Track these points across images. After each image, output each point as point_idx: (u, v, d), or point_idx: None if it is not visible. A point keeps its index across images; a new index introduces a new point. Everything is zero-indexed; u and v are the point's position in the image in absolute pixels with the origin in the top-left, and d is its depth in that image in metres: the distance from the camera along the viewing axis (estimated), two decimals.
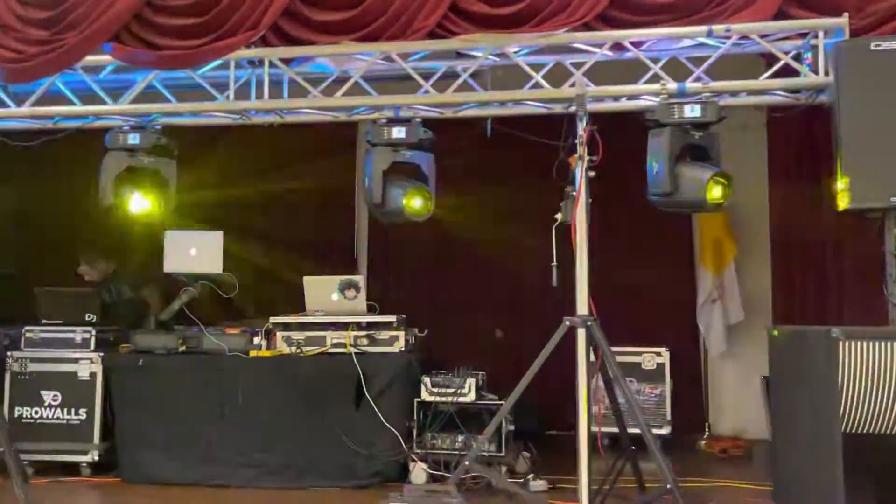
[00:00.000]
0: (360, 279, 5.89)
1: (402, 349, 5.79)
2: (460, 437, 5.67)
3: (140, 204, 4.82)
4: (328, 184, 8.20)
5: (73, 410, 5.89)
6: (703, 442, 7.23)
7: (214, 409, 5.69)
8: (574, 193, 4.23)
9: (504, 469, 5.55)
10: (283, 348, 5.83)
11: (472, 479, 5.42)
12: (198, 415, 5.70)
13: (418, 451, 5.61)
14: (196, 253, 5.94)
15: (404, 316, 5.93)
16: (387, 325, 5.81)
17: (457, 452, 5.59)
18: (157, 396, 5.75)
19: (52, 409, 5.90)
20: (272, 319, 5.87)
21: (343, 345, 5.76)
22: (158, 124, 4.85)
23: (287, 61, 4.69)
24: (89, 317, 6.09)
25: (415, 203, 4.59)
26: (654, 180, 4.10)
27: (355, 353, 5.65)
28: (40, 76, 4.74)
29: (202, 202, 7.17)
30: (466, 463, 4.51)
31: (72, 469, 5.85)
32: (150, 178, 4.85)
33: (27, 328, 6.05)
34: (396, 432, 5.55)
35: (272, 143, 7.22)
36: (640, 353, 7.01)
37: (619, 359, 7.09)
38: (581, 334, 4.32)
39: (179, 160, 5.31)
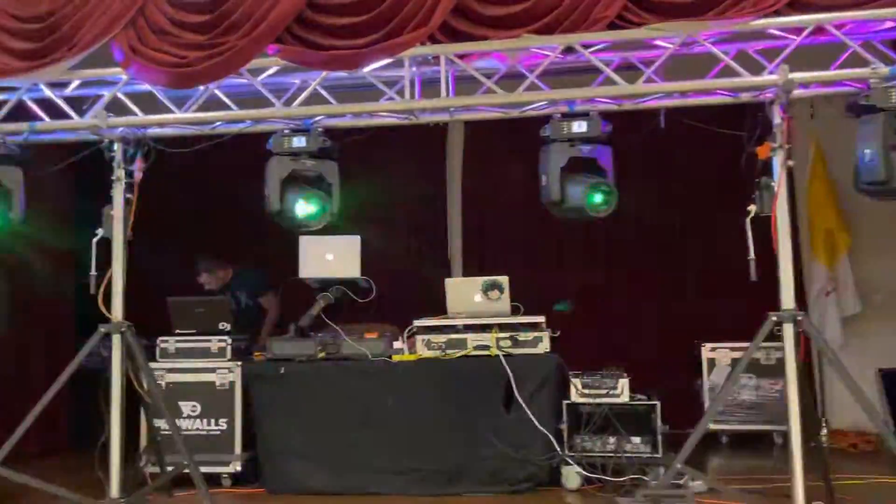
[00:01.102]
0: (504, 280, 5.75)
1: (547, 350, 5.68)
2: (611, 439, 5.56)
3: (306, 209, 4.69)
4: (420, 184, 8.14)
5: (212, 421, 5.80)
6: (824, 437, 7.07)
7: (360, 416, 5.58)
8: (773, 184, 4.12)
9: (662, 470, 5.42)
10: (423, 352, 5.73)
11: (630, 481, 5.34)
12: (343, 422, 5.59)
13: (571, 453, 5.51)
14: (333, 258, 5.87)
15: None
16: (532, 326, 5.70)
17: (611, 455, 5.50)
18: (301, 404, 5.64)
19: (192, 420, 5.81)
20: (415, 322, 5.77)
21: (485, 347, 5.66)
22: (321, 127, 4.72)
23: (460, 58, 4.56)
24: (222, 325, 5.99)
25: (597, 199, 4.45)
26: (866, 168, 3.96)
27: (502, 356, 5.55)
28: (206, 80, 4.61)
29: None
30: (678, 465, 4.37)
31: (212, 480, 5.72)
32: (314, 183, 4.72)
33: (161, 339, 5.95)
34: (550, 435, 5.45)
35: (360, 147, 7.14)
36: (758, 348, 6.87)
37: (734, 355, 7.12)
38: (788, 329, 4.18)
39: None
